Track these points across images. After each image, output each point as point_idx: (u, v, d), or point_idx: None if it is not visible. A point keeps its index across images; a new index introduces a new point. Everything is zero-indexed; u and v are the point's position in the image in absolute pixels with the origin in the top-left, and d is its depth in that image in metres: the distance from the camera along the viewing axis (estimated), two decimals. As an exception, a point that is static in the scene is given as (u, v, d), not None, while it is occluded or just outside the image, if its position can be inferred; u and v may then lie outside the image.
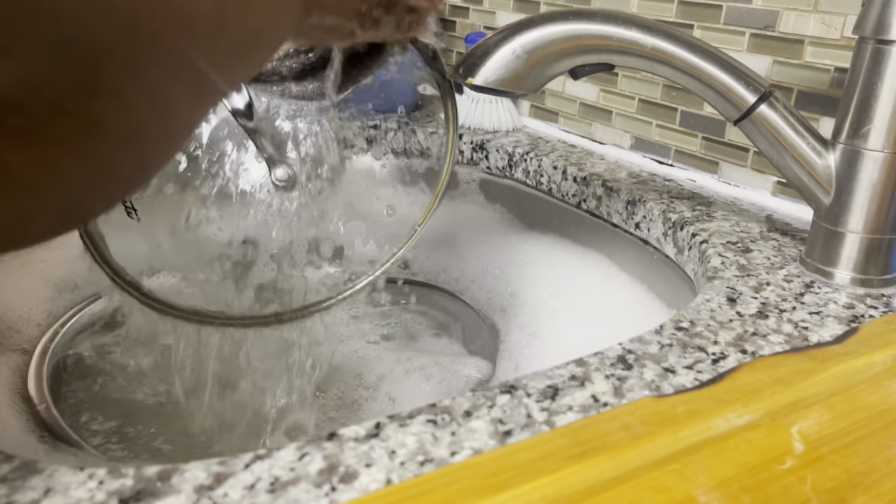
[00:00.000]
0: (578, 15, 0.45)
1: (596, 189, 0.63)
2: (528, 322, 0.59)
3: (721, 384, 0.32)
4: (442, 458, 0.26)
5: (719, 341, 0.36)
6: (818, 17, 0.54)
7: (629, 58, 0.46)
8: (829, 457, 0.28)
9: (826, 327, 0.39)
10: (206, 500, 0.24)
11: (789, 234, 0.53)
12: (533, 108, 0.82)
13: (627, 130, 0.71)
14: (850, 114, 0.43)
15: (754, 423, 0.30)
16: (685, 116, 0.65)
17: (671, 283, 0.56)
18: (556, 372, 0.33)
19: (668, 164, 0.68)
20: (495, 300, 0.64)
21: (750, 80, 0.45)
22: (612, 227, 0.63)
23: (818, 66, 0.55)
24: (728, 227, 0.53)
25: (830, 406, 0.31)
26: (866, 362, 0.35)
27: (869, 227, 0.44)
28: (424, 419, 0.28)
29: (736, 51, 0.60)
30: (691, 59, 0.45)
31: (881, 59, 0.41)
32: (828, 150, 0.45)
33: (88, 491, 0.24)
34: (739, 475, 0.27)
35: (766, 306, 0.40)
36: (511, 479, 0.25)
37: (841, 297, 0.43)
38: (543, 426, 0.29)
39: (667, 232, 0.55)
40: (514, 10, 0.81)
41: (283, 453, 0.26)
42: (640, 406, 0.30)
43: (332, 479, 0.25)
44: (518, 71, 0.45)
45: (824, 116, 0.55)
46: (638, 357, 0.34)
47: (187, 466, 0.25)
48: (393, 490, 0.25)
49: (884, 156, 0.42)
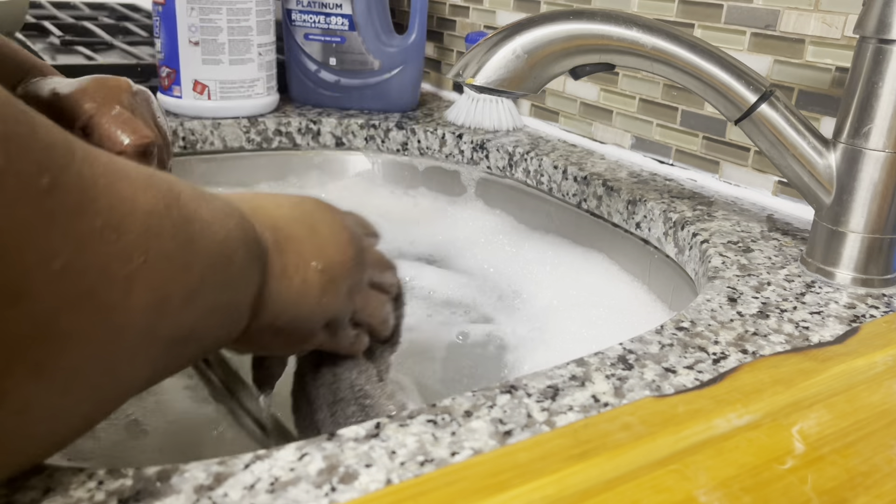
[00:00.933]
0: (579, 15, 0.45)
1: (596, 189, 0.63)
2: (528, 322, 0.59)
3: (722, 384, 0.32)
4: (442, 458, 0.26)
5: (720, 341, 0.36)
6: (819, 16, 0.54)
7: (630, 58, 0.46)
8: (829, 457, 0.28)
9: (827, 327, 0.39)
10: (206, 500, 0.24)
11: (790, 233, 0.53)
12: (533, 108, 0.82)
13: (628, 130, 0.71)
14: (851, 113, 0.43)
15: (755, 423, 0.30)
16: (686, 116, 0.65)
17: (672, 283, 0.56)
18: (556, 372, 0.32)
19: (668, 163, 0.68)
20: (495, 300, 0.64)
21: (751, 80, 0.45)
22: (613, 227, 0.63)
23: (819, 66, 0.55)
24: (729, 226, 0.53)
25: (831, 406, 0.31)
26: (867, 362, 0.35)
27: (870, 226, 0.43)
28: (424, 419, 0.28)
29: (737, 50, 0.60)
30: (692, 58, 0.45)
31: (882, 58, 0.41)
32: (829, 149, 0.45)
33: (88, 491, 0.24)
34: (740, 475, 0.27)
35: (766, 306, 0.40)
36: (511, 479, 0.25)
37: (842, 296, 0.43)
38: (544, 426, 0.29)
39: (667, 231, 0.55)
40: (515, 10, 0.81)
41: (282, 453, 0.26)
42: (641, 406, 0.30)
43: (332, 480, 0.25)
44: (518, 71, 0.45)
45: (825, 116, 0.55)
46: (638, 357, 0.34)
47: (187, 466, 0.25)
48: (393, 490, 0.25)
49: (885, 155, 0.42)
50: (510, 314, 0.61)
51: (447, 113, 0.82)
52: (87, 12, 1.32)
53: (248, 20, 0.74)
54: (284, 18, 0.84)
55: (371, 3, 0.82)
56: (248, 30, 0.75)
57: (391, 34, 0.84)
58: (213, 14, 0.72)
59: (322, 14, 0.82)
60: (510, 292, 0.63)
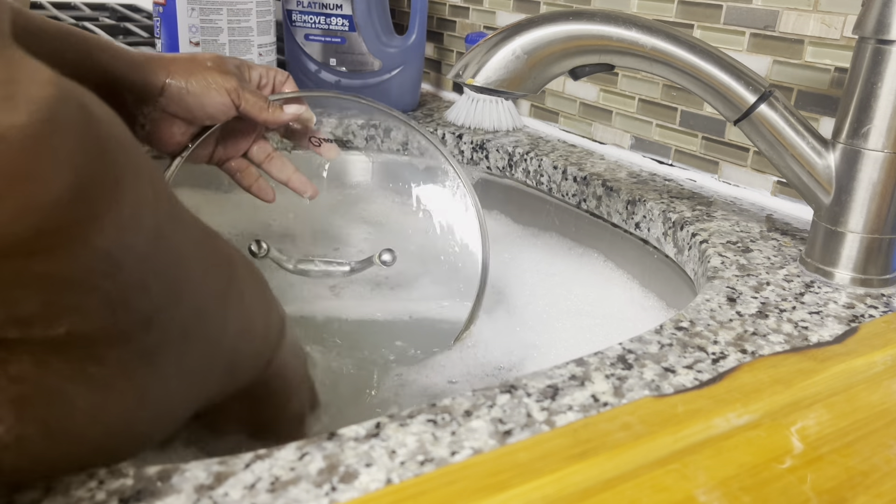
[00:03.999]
0: (578, 15, 0.45)
1: (596, 189, 0.63)
2: (527, 322, 0.59)
3: (721, 384, 0.32)
4: (442, 457, 0.26)
5: (719, 341, 0.36)
6: (818, 16, 0.55)
7: (629, 58, 0.46)
8: (828, 456, 0.28)
9: (826, 327, 0.39)
10: (207, 500, 0.24)
11: (789, 233, 0.53)
12: (533, 108, 0.82)
13: (627, 130, 0.71)
14: (850, 113, 0.43)
15: (754, 423, 0.30)
16: (685, 116, 0.66)
17: (671, 283, 0.56)
18: (555, 371, 0.33)
19: (668, 163, 0.68)
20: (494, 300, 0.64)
21: (750, 80, 0.45)
22: (612, 227, 0.63)
23: (818, 66, 0.55)
24: (728, 226, 0.53)
25: (830, 406, 0.31)
26: (866, 362, 0.35)
27: (869, 226, 0.44)
28: (424, 419, 0.28)
29: (736, 51, 0.60)
30: (691, 59, 0.45)
31: (881, 58, 0.41)
32: (828, 149, 0.45)
33: (88, 490, 0.24)
34: (739, 475, 0.27)
35: (766, 306, 0.40)
36: (511, 479, 0.25)
37: (841, 296, 0.43)
38: (543, 426, 0.29)
39: (667, 232, 0.56)
40: (514, 10, 0.81)
41: (283, 453, 0.26)
42: (640, 406, 0.30)
43: (333, 479, 0.25)
44: (518, 71, 0.45)
45: (824, 116, 0.55)
46: (638, 357, 0.34)
47: (187, 466, 0.25)
48: (393, 490, 0.25)
49: (884, 155, 0.42)
50: (509, 314, 0.61)
51: (447, 113, 0.82)
52: (88, 13, 1.32)
53: (249, 21, 0.74)
54: (285, 19, 0.84)
55: (371, 4, 0.82)
56: (249, 30, 0.75)
57: (391, 35, 0.85)
58: (213, 15, 0.73)
59: (322, 15, 0.82)
60: (509, 292, 0.63)
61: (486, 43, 0.46)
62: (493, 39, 0.45)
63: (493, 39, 0.45)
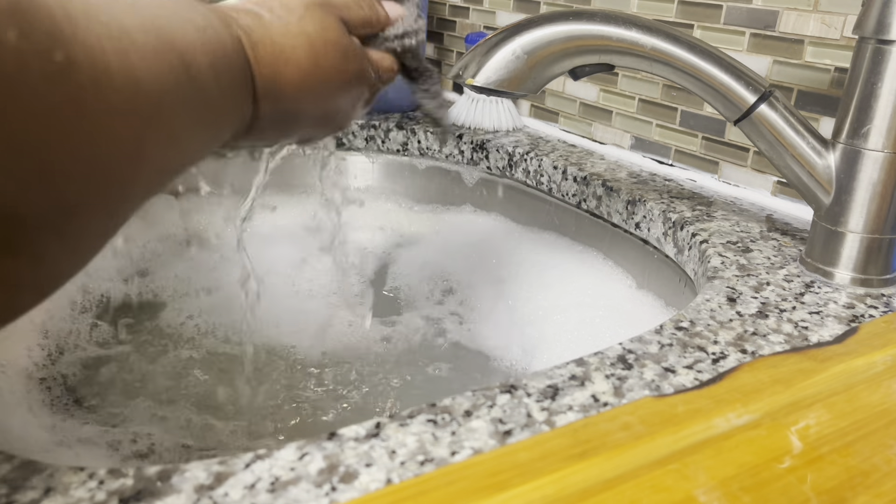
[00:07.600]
0: (578, 15, 0.45)
1: (596, 189, 0.63)
2: (527, 321, 0.59)
3: (721, 384, 0.32)
4: (442, 457, 0.26)
5: (719, 341, 0.36)
6: (818, 16, 0.55)
7: (629, 58, 0.46)
8: (829, 456, 0.28)
9: (826, 327, 0.39)
10: (207, 500, 0.24)
11: (789, 233, 0.53)
12: (533, 108, 0.82)
13: (627, 130, 0.71)
14: (851, 114, 0.43)
15: (754, 423, 0.30)
16: (685, 116, 0.66)
17: (671, 283, 0.56)
18: (556, 371, 0.33)
19: (668, 163, 0.68)
20: (494, 300, 0.64)
21: (750, 80, 0.45)
22: (612, 227, 0.63)
23: (818, 66, 0.55)
24: (728, 226, 0.53)
25: (830, 406, 0.31)
26: (866, 362, 0.35)
27: (869, 226, 0.44)
28: (424, 419, 0.28)
29: (736, 51, 0.60)
30: (691, 59, 0.45)
31: (881, 58, 0.41)
32: (828, 149, 0.45)
33: (89, 490, 0.24)
34: (739, 475, 0.27)
35: (766, 306, 0.40)
36: (511, 479, 0.25)
37: (841, 296, 0.43)
38: (543, 426, 0.29)
39: (667, 232, 0.56)
40: (514, 10, 0.81)
41: (283, 453, 0.26)
42: (641, 406, 0.30)
43: (333, 479, 0.25)
44: (518, 71, 0.45)
45: (824, 116, 0.55)
46: (638, 357, 0.34)
47: (187, 466, 0.25)
48: (393, 490, 0.25)
49: (884, 155, 0.42)
50: (509, 314, 0.61)
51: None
52: None
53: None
54: (284, 19, 0.84)
55: (371, 4, 0.82)
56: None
57: (391, 35, 0.84)
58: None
59: (322, 14, 0.82)
60: (508, 292, 0.63)
61: (486, 43, 0.46)
62: (493, 39, 0.45)
63: (493, 39, 0.45)
